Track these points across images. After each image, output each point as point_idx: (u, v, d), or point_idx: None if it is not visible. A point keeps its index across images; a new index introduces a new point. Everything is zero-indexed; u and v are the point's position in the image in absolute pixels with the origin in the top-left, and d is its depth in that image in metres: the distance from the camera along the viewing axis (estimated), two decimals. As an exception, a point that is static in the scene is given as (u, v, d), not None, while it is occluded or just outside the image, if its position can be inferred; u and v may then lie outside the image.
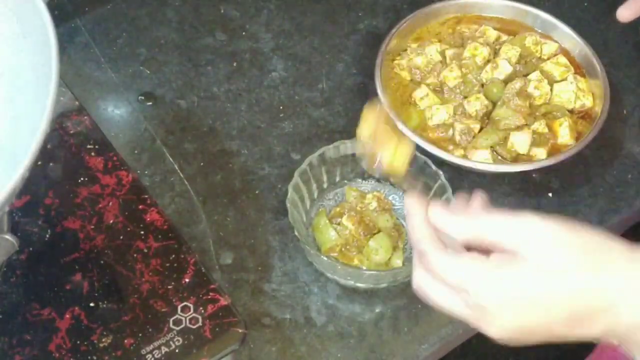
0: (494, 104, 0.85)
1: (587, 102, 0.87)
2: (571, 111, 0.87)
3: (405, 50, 0.91)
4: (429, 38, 0.92)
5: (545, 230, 0.54)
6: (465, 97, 0.86)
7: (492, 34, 0.91)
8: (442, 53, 0.90)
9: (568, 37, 0.91)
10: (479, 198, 0.59)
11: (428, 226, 0.58)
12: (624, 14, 0.86)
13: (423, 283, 0.58)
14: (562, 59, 0.89)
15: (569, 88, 0.86)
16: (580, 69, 0.90)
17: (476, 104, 0.84)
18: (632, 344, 0.54)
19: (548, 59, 0.90)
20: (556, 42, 0.92)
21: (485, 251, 0.55)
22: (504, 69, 0.87)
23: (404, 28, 0.91)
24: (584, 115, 0.87)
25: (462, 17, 0.94)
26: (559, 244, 0.54)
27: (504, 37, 0.92)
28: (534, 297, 0.53)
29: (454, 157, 0.82)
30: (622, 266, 0.53)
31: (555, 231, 0.54)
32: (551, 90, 0.87)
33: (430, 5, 0.94)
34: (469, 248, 0.56)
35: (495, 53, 0.89)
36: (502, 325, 0.54)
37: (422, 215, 0.58)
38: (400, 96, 0.88)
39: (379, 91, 0.85)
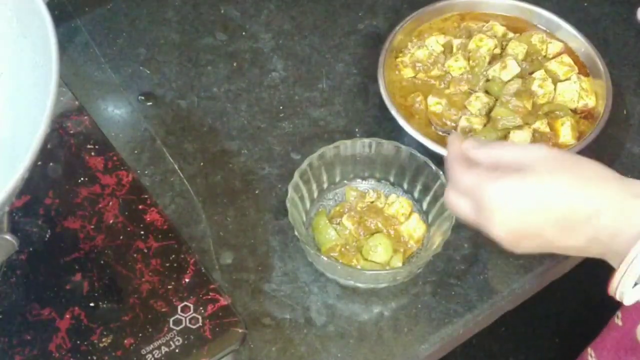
0: (497, 99, 0.86)
1: (590, 102, 0.87)
2: (574, 111, 0.87)
3: (407, 47, 0.91)
4: (431, 34, 0.92)
5: (550, 155, 0.63)
6: (470, 89, 0.86)
7: (499, 29, 0.92)
8: (448, 43, 0.90)
9: (572, 36, 0.91)
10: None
11: (459, 152, 0.68)
12: None
13: (450, 196, 0.67)
14: (567, 59, 0.89)
15: (572, 87, 0.86)
16: (584, 68, 0.90)
17: (477, 104, 0.84)
18: (613, 253, 0.60)
19: (553, 58, 0.90)
20: (561, 41, 0.92)
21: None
22: (512, 69, 0.86)
23: (407, 26, 0.91)
24: (586, 115, 0.87)
25: (466, 14, 0.94)
26: (557, 165, 0.62)
27: (511, 34, 0.92)
28: (529, 202, 0.61)
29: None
30: (608, 186, 0.61)
31: (559, 155, 0.64)
32: (554, 89, 0.87)
33: (434, 3, 0.94)
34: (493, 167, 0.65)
35: (503, 48, 0.89)
36: (502, 225, 0.62)
37: (457, 143, 0.68)
38: (404, 94, 0.88)
39: (382, 89, 0.85)
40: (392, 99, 0.85)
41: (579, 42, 0.91)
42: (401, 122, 0.83)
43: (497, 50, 0.89)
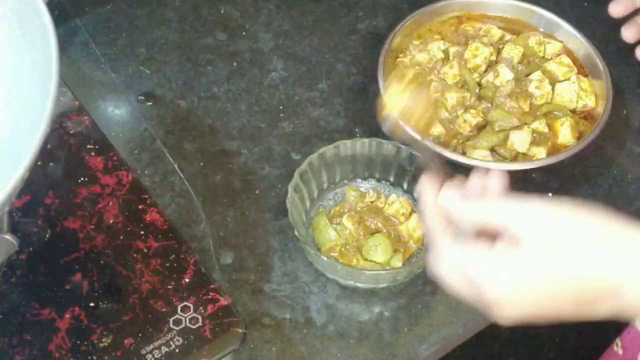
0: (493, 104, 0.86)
1: (590, 102, 0.87)
2: (573, 111, 0.87)
3: (408, 48, 0.91)
4: (431, 36, 0.92)
5: (550, 216, 0.54)
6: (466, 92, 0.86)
7: (496, 32, 0.91)
8: (445, 51, 0.90)
9: (572, 37, 0.91)
10: (496, 180, 0.59)
11: (438, 211, 0.58)
12: (615, 9, 0.88)
13: (435, 268, 0.58)
14: (566, 59, 0.89)
15: (571, 88, 0.86)
16: (584, 69, 0.90)
17: (472, 120, 0.84)
18: None
19: (551, 58, 0.90)
20: (560, 41, 0.92)
21: (495, 236, 0.56)
22: (505, 77, 0.86)
23: (408, 26, 0.91)
24: (586, 115, 0.87)
25: (466, 15, 0.94)
26: (563, 229, 0.54)
27: (508, 37, 0.92)
28: (539, 282, 0.53)
29: (455, 155, 0.82)
30: (627, 250, 0.53)
31: (560, 216, 0.54)
32: (553, 90, 0.87)
33: (434, 3, 0.94)
34: (479, 232, 0.57)
35: (499, 52, 0.89)
36: (508, 312, 0.55)
37: (434, 201, 0.59)
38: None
39: (382, 89, 0.85)
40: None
41: (578, 42, 0.91)
42: (401, 122, 0.83)
43: (493, 57, 0.89)
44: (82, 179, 0.74)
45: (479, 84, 0.87)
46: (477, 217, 0.57)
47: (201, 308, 0.67)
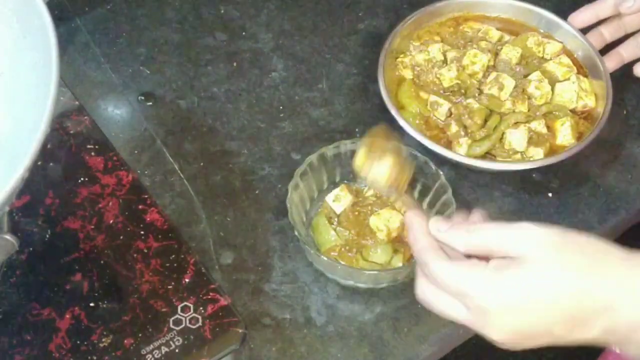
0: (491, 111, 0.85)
1: (590, 102, 0.87)
2: (573, 111, 0.87)
3: (409, 48, 0.91)
4: (430, 37, 0.92)
5: (543, 237, 0.55)
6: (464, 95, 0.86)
7: (494, 34, 0.91)
8: (445, 53, 0.90)
9: (572, 37, 0.91)
10: (478, 213, 0.62)
11: (428, 237, 0.60)
12: (576, 19, 0.90)
13: (426, 293, 0.60)
14: (565, 59, 0.89)
15: (571, 88, 0.86)
16: (583, 69, 0.90)
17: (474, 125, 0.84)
18: (632, 344, 0.54)
19: (551, 59, 0.90)
20: (560, 42, 0.91)
21: (486, 259, 0.57)
22: (508, 88, 0.85)
23: (408, 26, 0.91)
24: (586, 115, 0.87)
25: (466, 16, 0.94)
26: (556, 249, 0.55)
27: (507, 37, 0.92)
28: (532, 300, 0.54)
29: (454, 155, 0.82)
30: (618, 269, 0.54)
31: (553, 236, 0.55)
32: (553, 90, 0.87)
33: (434, 3, 0.93)
34: (469, 257, 0.58)
35: (497, 54, 0.89)
36: (502, 328, 0.55)
37: (423, 228, 0.60)
38: (401, 94, 0.88)
39: (382, 89, 0.85)
40: (392, 99, 0.85)
41: (578, 42, 0.91)
42: (401, 122, 0.83)
43: (491, 63, 0.89)
44: (82, 179, 0.74)
45: (480, 90, 0.87)
46: (468, 242, 0.58)
47: (201, 308, 0.67)
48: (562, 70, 0.88)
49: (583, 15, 0.91)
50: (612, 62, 0.90)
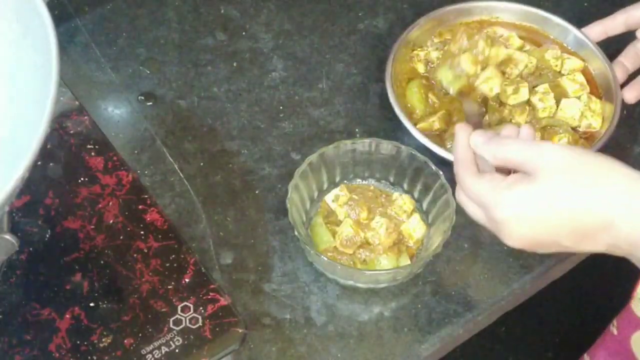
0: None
1: (595, 123, 0.85)
2: (576, 130, 0.85)
3: (426, 43, 0.91)
4: (450, 36, 0.91)
5: (558, 156, 0.61)
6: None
7: (516, 42, 0.90)
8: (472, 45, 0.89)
9: (595, 57, 0.89)
10: (526, 129, 0.68)
11: (466, 151, 0.67)
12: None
13: (460, 197, 0.68)
14: (580, 77, 0.87)
15: (576, 105, 0.85)
16: (598, 90, 0.88)
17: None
18: (636, 259, 0.59)
19: (567, 74, 0.88)
20: (582, 59, 0.90)
21: (512, 172, 0.65)
22: (523, 96, 0.85)
23: (431, 20, 0.91)
24: (588, 136, 0.85)
25: (490, 20, 0.93)
26: (564, 169, 0.60)
27: (527, 47, 0.90)
28: (541, 213, 0.60)
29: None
30: (623, 187, 0.59)
31: (567, 157, 0.61)
32: (558, 105, 0.85)
33: (462, 3, 0.93)
34: (501, 170, 0.66)
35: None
36: (512, 236, 0.62)
37: (464, 140, 0.67)
38: (410, 94, 0.88)
39: (387, 84, 0.85)
40: (397, 98, 0.85)
41: (600, 64, 0.89)
42: (403, 120, 0.83)
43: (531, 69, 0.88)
44: (82, 179, 0.74)
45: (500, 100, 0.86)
46: (497, 154, 0.64)
47: (201, 308, 0.67)
48: (574, 87, 0.87)
49: (591, 31, 0.90)
50: (633, 92, 0.88)
